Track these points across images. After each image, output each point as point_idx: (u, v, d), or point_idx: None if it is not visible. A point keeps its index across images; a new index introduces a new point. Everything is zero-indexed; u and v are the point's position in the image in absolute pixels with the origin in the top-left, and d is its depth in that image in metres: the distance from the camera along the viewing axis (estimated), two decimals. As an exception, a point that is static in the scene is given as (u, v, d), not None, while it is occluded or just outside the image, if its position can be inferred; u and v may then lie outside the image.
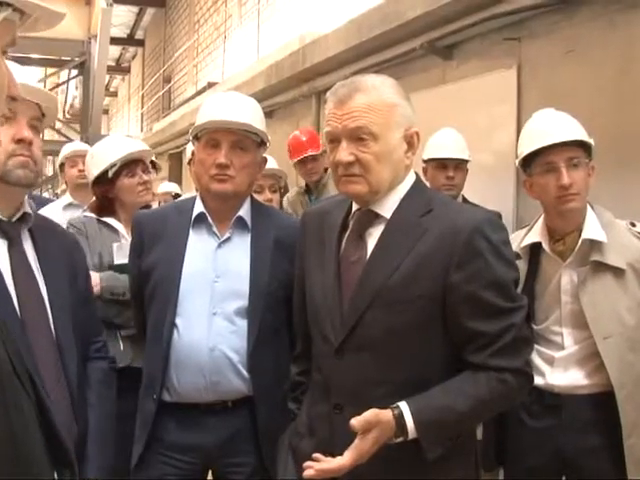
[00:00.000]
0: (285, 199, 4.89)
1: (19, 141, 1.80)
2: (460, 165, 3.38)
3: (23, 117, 1.82)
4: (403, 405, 1.60)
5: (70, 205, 3.64)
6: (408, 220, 1.71)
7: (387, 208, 1.74)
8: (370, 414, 1.57)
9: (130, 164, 2.90)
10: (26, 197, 1.92)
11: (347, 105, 1.68)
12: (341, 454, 1.62)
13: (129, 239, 2.76)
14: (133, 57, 23.76)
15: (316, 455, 1.61)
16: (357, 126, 1.67)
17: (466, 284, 1.63)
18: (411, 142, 1.74)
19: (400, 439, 1.60)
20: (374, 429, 1.57)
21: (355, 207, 1.80)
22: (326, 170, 4.47)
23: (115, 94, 27.83)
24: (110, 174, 2.87)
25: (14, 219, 1.84)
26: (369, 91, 1.69)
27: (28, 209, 1.89)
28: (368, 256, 1.72)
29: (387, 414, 1.59)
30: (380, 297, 1.66)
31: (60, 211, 3.64)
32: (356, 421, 1.56)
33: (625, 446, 2.14)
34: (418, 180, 1.81)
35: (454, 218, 1.68)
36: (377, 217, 1.75)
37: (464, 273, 1.63)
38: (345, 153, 1.68)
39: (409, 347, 1.67)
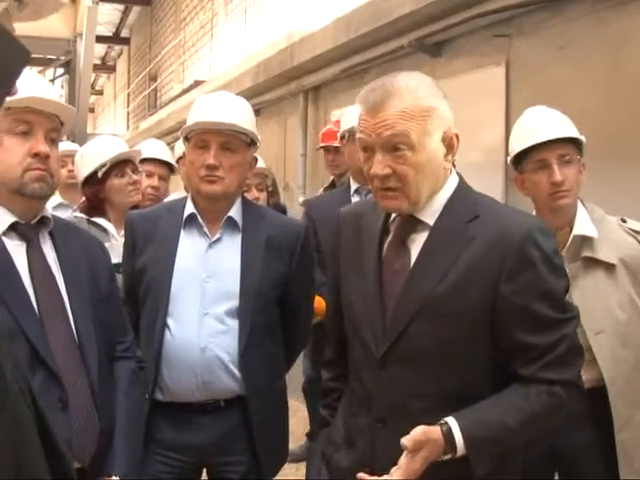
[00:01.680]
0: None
1: (35, 155, 1.81)
2: None
3: (40, 130, 1.83)
4: (451, 421, 1.53)
5: (60, 205, 3.63)
6: (453, 227, 1.62)
7: (430, 214, 1.64)
8: (420, 432, 1.50)
9: (120, 164, 2.92)
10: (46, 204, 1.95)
11: (381, 113, 1.57)
12: (383, 468, 1.58)
13: (119, 239, 2.77)
14: (119, 55, 23.67)
15: (361, 475, 1.55)
16: (393, 133, 1.56)
17: (517, 295, 1.56)
18: (450, 144, 1.64)
19: (448, 456, 1.53)
20: (424, 448, 1.50)
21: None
22: None
23: (101, 92, 27.71)
24: (100, 174, 2.88)
25: (33, 222, 1.88)
26: (403, 95, 1.57)
27: (47, 213, 1.92)
28: (412, 264, 1.64)
29: (436, 431, 1.52)
30: (426, 308, 1.59)
31: (50, 211, 3.62)
32: (407, 441, 1.49)
33: (617, 441, 2.15)
34: (461, 183, 1.70)
35: (503, 225, 1.60)
36: (420, 223, 1.66)
37: (516, 284, 1.56)
38: (381, 166, 1.58)
39: (455, 359, 1.60)
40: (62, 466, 1.05)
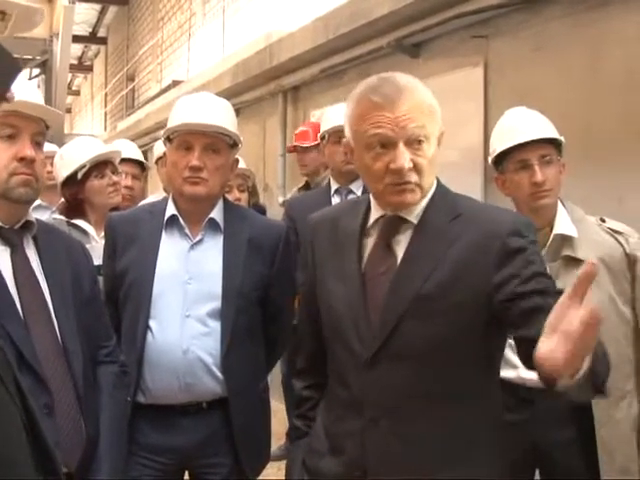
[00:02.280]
0: (290, 196, 4.88)
1: (21, 159, 1.79)
2: None
3: (26, 134, 1.81)
4: None
5: (39, 207, 3.60)
6: (437, 225, 1.63)
7: (415, 213, 1.65)
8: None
9: (99, 165, 2.91)
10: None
11: (400, 107, 1.56)
12: (375, 469, 1.57)
13: (99, 241, 2.76)
14: (96, 55, 23.52)
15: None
16: (417, 126, 1.57)
17: (511, 279, 1.53)
18: (439, 142, 1.67)
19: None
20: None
21: (377, 213, 1.70)
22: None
23: (78, 93, 27.53)
24: (79, 175, 2.87)
25: (17, 227, 1.86)
26: (412, 91, 1.59)
27: (31, 217, 1.90)
28: (398, 264, 1.63)
29: None
30: (414, 306, 1.57)
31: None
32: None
33: (597, 437, 2.17)
34: (439, 182, 1.71)
35: (487, 223, 1.61)
36: (404, 223, 1.66)
37: (506, 270, 1.54)
38: (407, 159, 1.56)
39: (447, 357, 1.58)
40: (51, 465, 1.05)
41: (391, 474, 1.59)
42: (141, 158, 3.76)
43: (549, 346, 1.25)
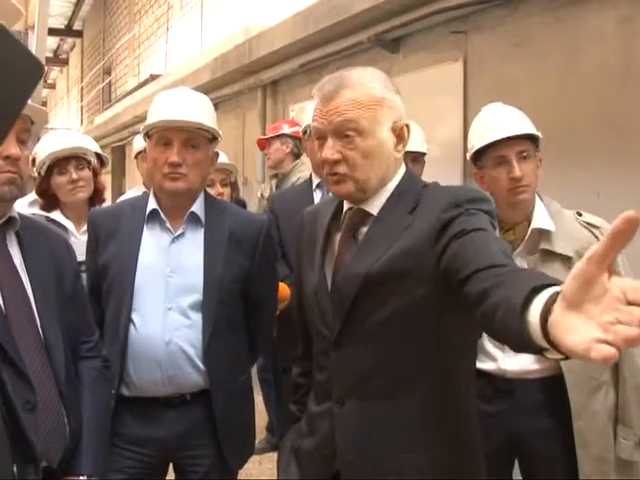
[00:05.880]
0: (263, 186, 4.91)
1: (6, 158, 1.78)
2: (417, 158, 3.39)
3: (12, 132, 1.79)
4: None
5: (35, 201, 3.59)
6: (394, 217, 1.65)
7: (376, 206, 1.69)
8: None
9: (61, 162, 2.89)
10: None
11: (334, 101, 1.63)
12: (342, 451, 1.63)
13: (79, 237, 2.75)
14: (71, 48, 23.32)
15: None
16: (343, 119, 1.62)
17: (447, 243, 1.49)
18: (401, 135, 1.69)
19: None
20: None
21: (347, 206, 1.76)
22: (294, 159, 4.47)
23: (53, 86, 27.30)
24: (42, 172, 2.87)
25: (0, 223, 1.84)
26: (355, 86, 1.64)
27: (14, 214, 1.88)
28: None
29: None
30: (365, 288, 1.61)
31: (26, 207, 3.58)
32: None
33: (574, 428, 2.21)
34: (408, 174, 1.74)
35: (434, 205, 1.60)
36: (369, 216, 1.71)
37: (443, 239, 1.51)
38: (331, 151, 1.64)
39: (404, 336, 1.61)
40: (25, 446, 1.04)
41: (357, 454, 1.65)
42: (99, 151, 3.69)
43: (575, 331, 0.92)
